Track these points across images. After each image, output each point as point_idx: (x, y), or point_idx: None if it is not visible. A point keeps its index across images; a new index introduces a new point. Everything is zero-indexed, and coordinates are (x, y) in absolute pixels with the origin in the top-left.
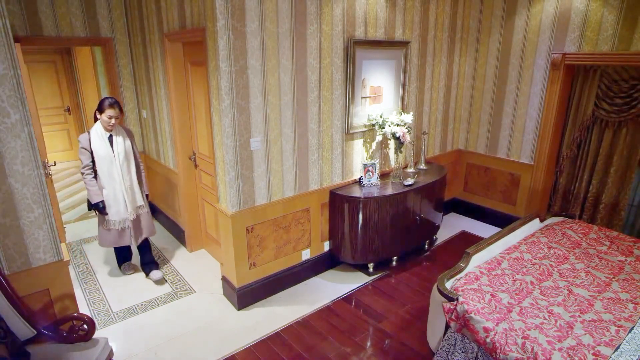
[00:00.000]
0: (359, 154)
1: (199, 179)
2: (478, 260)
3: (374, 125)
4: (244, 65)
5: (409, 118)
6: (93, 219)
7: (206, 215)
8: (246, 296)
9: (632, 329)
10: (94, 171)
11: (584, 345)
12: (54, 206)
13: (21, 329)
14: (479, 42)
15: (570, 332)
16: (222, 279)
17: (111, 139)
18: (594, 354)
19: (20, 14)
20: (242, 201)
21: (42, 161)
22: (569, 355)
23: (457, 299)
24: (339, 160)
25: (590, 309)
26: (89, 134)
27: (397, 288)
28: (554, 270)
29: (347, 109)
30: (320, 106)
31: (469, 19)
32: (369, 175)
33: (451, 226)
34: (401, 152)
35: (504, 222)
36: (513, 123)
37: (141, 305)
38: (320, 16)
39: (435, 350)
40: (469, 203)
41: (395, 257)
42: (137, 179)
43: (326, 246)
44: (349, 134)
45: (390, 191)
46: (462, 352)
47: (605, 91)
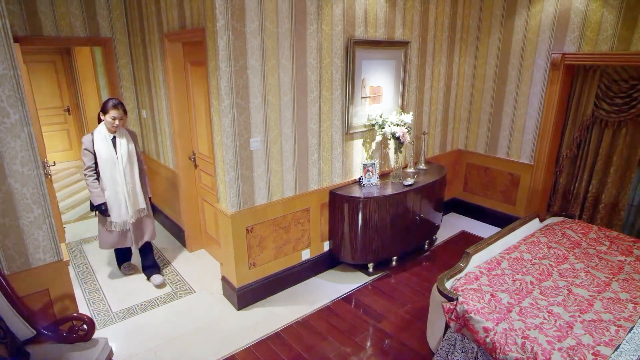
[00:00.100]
0: (359, 154)
1: (198, 179)
2: (478, 260)
3: (373, 125)
4: (243, 65)
5: (408, 118)
6: (93, 219)
7: (206, 216)
8: (246, 296)
9: (632, 328)
10: (96, 173)
11: (583, 345)
12: (53, 206)
13: (21, 329)
14: (479, 42)
15: (570, 332)
16: (222, 279)
17: (114, 140)
18: (593, 353)
19: (20, 14)
20: (242, 201)
21: (41, 161)
22: (569, 355)
23: (457, 299)
24: (338, 160)
25: (590, 309)
26: (92, 135)
27: (397, 288)
28: (553, 270)
29: (346, 109)
30: (320, 106)
31: (468, 19)
32: (369, 175)
33: (451, 226)
34: (401, 152)
35: (504, 222)
36: (513, 123)
37: (141, 305)
38: (320, 16)
39: (435, 350)
40: (468, 203)
41: (395, 257)
42: (140, 181)
43: (326, 246)
44: (348, 134)
45: (390, 191)
46: (462, 352)
47: (605, 91)
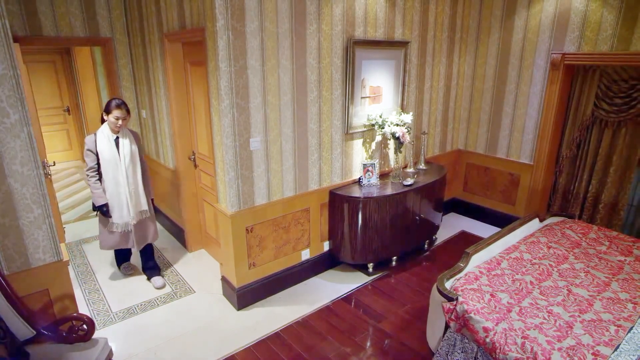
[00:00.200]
0: (359, 154)
1: (198, 179)
2: (477, 260)
3: (373, 125)
4: (243, 65)
5: (408, 118)
6: (93, 219)
7: (206, 216)
8: (246, 296)
9: (632, 328)
10: (98, 174)
11: (583, 345)
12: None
13: (20, 329)
14: (479, 42)
15: (569, 332)
16: (221, 279)
17: (117, 141)
18: (593, 353)
19: (20, 14)
20: (242, 201)
21: (41, 161)
22: (569, 355)
23: (457, 298)
24: (338, 160)
25: (589, 309)
26: (95, 136)
27: (397, 288)
28: (553, 270)
29: (346, 109)
30: (320, 106)
31: (468, 19)
32: (369, 175)
33: (451, 226)
34: (401, 152)
35: (504, 222)
36: (512, 123)
37: (141, 305)
38: (319, 16)
39: (435, 350)
40: (468, 203)
41: (395, 257)
42: (143, 183)
43: (326, 246)
44: (348, 134)
45: (389, 191)
46: (462, 352)
47: (604, 91)
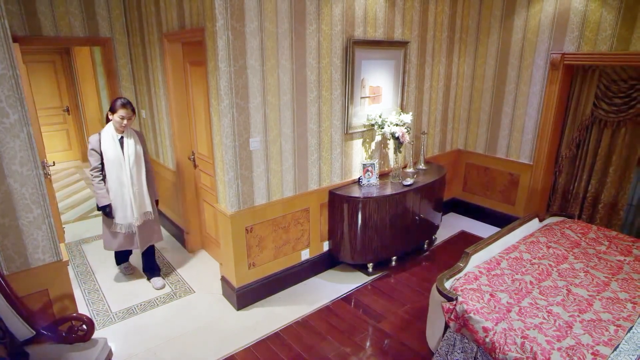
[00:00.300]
0: (358, 154)
1: (198, 179)
2: (477, 260)
3: (373, 125)
4: (243, 65)
5: (408, 118)
6: (93, 219)
7: (205, 216)
8: (245, 296)
9: (631, 328)
10: (102, 174)
11: (583, 345)
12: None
13: (20, 329)
14: (478, 42)
15: (569, 332)
16: (221, 279)
17: (122, 141)
18: (593, 353)
19: (19, 14)
20: (242, 201)
21: (41, 161)
22: (568, 354)
23: (457, 298)
24: (338, 160)
25: (589, 309)
26: (99, 135)
27: (397, 288)
28: (553, 270)
29: (346, 109)
30: (320, 106)
31: (468, 19)
32: (368, 175)
33: (450, 226)
34: (400, 152)
35: (503, 222)
36: (512, 123)
37: (140, 305)
38: (319, 16)
39: (434, 350)
40: (468, 203)
41: (395, 257)
42: (147, 184)
43: (325, 246)
44: (348, 134)
45: (389, 191)
46: (462, 351)
47: (604, 91)
